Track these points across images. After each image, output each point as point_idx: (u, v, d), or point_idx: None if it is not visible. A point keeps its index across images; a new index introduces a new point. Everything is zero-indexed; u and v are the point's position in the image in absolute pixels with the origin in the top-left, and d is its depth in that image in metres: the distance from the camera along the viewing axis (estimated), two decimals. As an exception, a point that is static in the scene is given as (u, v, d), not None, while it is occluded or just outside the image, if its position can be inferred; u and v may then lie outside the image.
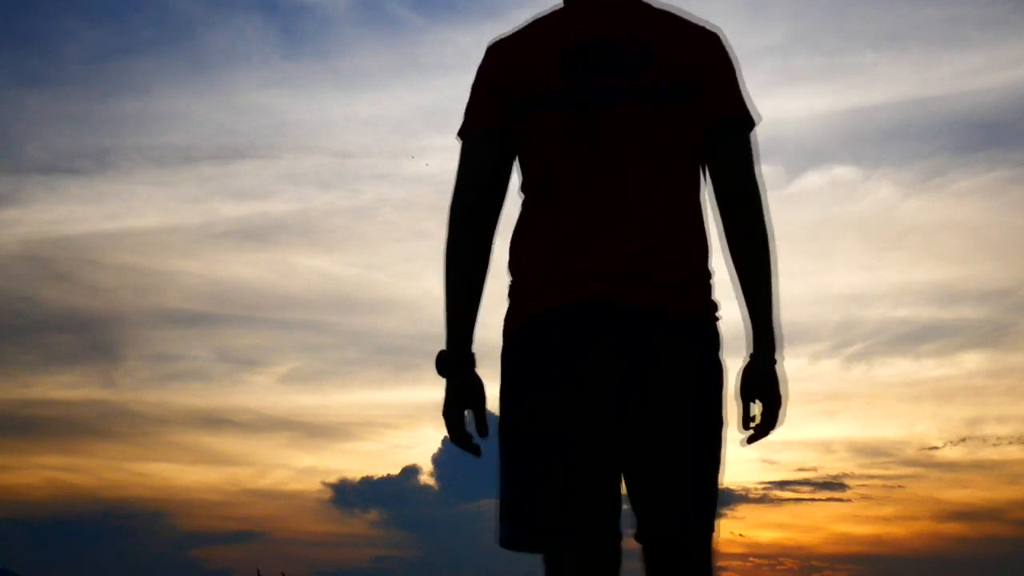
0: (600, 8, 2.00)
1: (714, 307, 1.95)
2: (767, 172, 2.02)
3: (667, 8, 2.05)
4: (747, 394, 1.97)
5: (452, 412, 1.98)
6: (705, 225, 1.97)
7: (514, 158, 2.00)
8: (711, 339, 1.93)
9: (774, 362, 1.97)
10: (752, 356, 1.97)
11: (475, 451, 1.99)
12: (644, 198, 1.91)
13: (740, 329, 2.00)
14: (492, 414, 2.02)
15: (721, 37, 2.03)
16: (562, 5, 2.07)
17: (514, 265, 1.97)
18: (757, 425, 1.97)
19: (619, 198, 1.90)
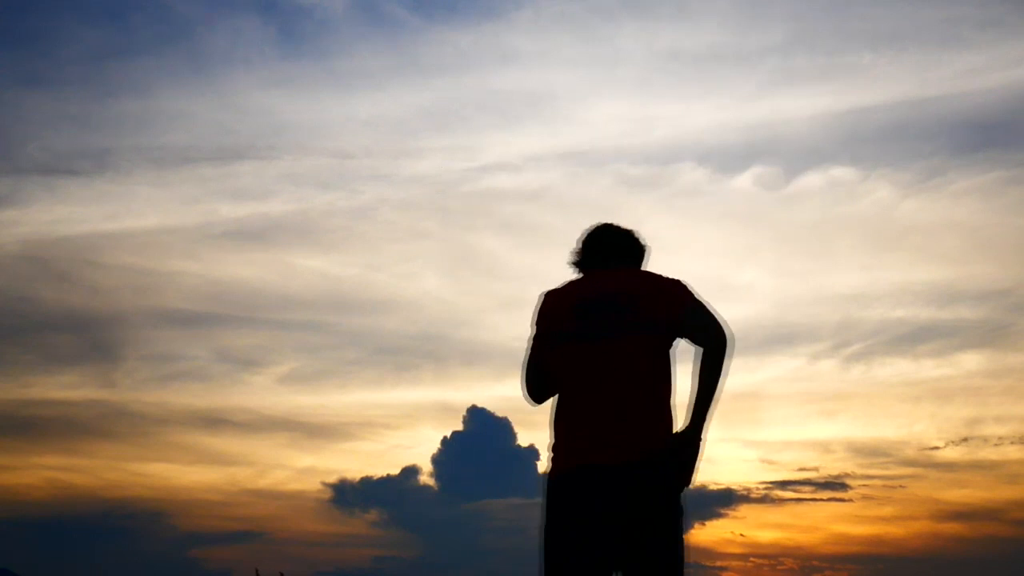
0: (606, 276, 3.28)
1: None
2: (765, 172, 2.09)
3: (646, 271, 3.34)
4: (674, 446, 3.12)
5: None
6: (670, 409, 3.13)
7: None
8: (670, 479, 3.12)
9: (699, 432, 3.10)
10: (686, 427, 3.11)
11: None
12: (628, 398, 3.09)
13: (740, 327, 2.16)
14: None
15: (681, 281, 3.22)
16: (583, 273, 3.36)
17: (553, 435, 3.20)
18: (675, 464, 3.09)
19: (612, 398, 3.10)
